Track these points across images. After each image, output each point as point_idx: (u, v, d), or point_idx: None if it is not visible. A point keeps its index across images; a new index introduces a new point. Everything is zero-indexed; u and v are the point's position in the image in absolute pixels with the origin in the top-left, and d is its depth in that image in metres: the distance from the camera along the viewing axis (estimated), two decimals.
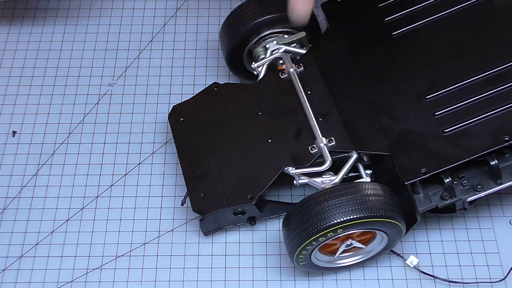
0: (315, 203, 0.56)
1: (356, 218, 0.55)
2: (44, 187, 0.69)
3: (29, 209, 0.68)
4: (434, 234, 0.65)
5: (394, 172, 0.58)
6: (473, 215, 0.66)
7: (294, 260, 0.59)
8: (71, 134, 0.73)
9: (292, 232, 0.57)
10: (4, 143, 0.72)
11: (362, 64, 0.64)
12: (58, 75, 0.77)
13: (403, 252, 0.64)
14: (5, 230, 0.67)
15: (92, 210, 0.68)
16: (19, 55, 0.79)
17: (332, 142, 0.61)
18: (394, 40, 0.65)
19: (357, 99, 0.63)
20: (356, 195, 0.56)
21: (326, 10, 0.69)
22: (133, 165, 0.71)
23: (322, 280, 0.63)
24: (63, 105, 0.75)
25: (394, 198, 0.58)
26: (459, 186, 0.59)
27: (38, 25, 0.82)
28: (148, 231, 0.67)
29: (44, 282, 0.64)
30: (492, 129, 0.58)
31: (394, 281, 0.63)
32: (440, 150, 0.58)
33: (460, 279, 0.63)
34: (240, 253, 0.65)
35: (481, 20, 0.63)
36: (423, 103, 0.60)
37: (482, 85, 0.60)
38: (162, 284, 0.64)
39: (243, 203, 0.61)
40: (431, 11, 0.65)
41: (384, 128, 0.60)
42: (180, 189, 0.69)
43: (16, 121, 0.74)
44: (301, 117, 0.63)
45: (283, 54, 0.67)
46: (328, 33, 0.68)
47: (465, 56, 0.62)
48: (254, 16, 0.67)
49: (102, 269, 0.65)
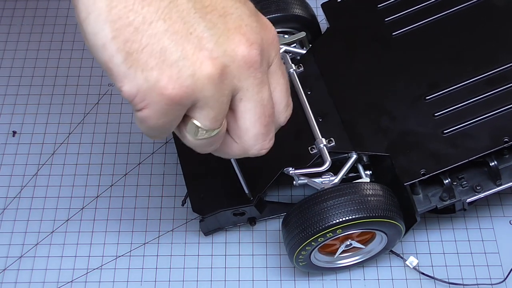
0: (314, 204, 0.56)
1: (355, 218, 0.55)
2: (44, 187, 0.69)
3: (29, 209, 0.68)
4: (434, 234, 0.65)
5: (393, 172, 0.58)
6: (473, 215, 0.66)
7: (293, 260, 0.59)
8: (71, 134, 0.73)
9: (292, 232, 0.57)
10: (4, 143, 0.72)
11: (362, 64, 0.64)
12: (58, 75, 0.77)
13: (403, 252, 0.64)
14: (5, 230, 0.67)
15: (92, 210, 0.68)
16: (19, 55, 0.79)
17: (331, 142, 0.61)
18: (394, 40, 0.65)
19: (356, 99, 0.63)
20: (356, 195, 0.56)
21: (326, 10, 0.69)
22: (133, 165, 0.71)
23: (322, 280, 0.63)
24: (63, 105, 0.75)
25: (393, 198, 0.58)
26: (459, 187, 0.59)
27: (38, 25, 0.82)
28: (148, 231, 0.67)
29: (44, 282, 0.64)
30: (491, 130, 0.57)
31: (394, 281, 0.63)
32: (439, 151, 0.58)
33: (460, 279, 0.63)
34: (240, 253, 0.65)
35: (481, 21, 0.63)
36: (422, 103, 0.60)
37: (482, 86, 0.60)
38: (162, 284, 0.64)
39: (243, 204, 0.61)
40: (431, 12, 0.65)
41: (383, 129, 0.60)
42: (180, 189, 0.69)
43: (16, 121, 0.74)
44: (300, 118, 0.63)
45: (283, 54, 0.67)
46: (328, 33, 0.68)
47: (465, 56, 0.62)
48: None
49: (102, 269, 0.65)
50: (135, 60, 0.36)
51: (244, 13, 0.40)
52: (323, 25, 0.70)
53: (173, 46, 0.37)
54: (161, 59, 0.37)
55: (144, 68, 0.36)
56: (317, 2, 0.73)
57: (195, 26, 0.37)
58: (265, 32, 0.41)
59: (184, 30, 0.37)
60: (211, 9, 0.38)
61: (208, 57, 0.38)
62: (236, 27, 0.39)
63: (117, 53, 0.36)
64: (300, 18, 0.67)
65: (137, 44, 0.36)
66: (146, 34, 0.36)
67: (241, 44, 0.39)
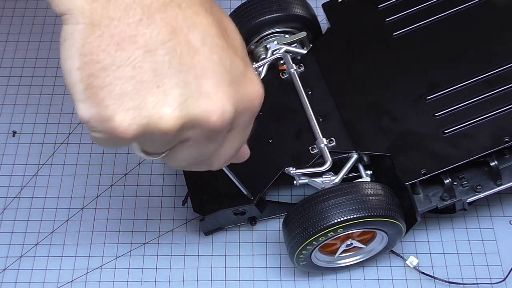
0: (315, 203, 0.56)
1: (356, 217, 0.55)
2: (44, 187, 0.69)
3: (29, 209, 0.68)
4: (434, 234, 0.66)
5: (394, 172, 0.58)
6: (473, 215, 0.66)
7: (294, 260, 0.59)
8: (71, 134, 0.73)
9: (292, 232, 0.57)
10: (4, 143, 0.72)
11: (363, 64, 0.64)
12: (58, 75, 0.77)
13: (403, 252, 0.64)
14: (5, 230, 0.67)
15: (92, 210, 0.68)
16: (19, 55, 0.79)
17: (332, 142, 0.61)
18: (394, 40, 0.65)
19: (357, 99, 0.63)
20: (356, 194, 0.56)
21: (327, 10, 0.69)
22: (133, 165, 0.71)
23: (322, 280, 0.63)
24: (63, 105, 0.75)
25: (394, 197, 0.58)
26: (459, 187, 0.59)
27: (38, 25, 0.82)
28: (148, 231, 0.67)
29: (44, 282, 0.64)
30: (492, 130, 0.58)
31: (394, 281, 0.63)
32: (440, 150, 0.58)
33: (460, 279, 0.63)
34: (240, 253, 0.65)
35: (481, 21, 0.63)
36: (423, 103, 0.60)
37: (482, 86, 0.60)
38: (162, 284, 0.64)
39: (243, 204, 0.61)
40: (431, 12, 0.65)
41: (384, 129, 0.60)
42: (180, 189, 0.69)
43: (16, 121, 0.74)
44: (301, 118, 0.63)
45: (283, 54, 0.67)
46: (328, 33, 0.68)
47: (466, 57, 0.62)
48: (255, 16, 0.67)
49: (102, 269, 0.65)
50: (94, 94, 0.37)
51: (224, 80, 0.39)
52: (323, 25, 0.70)
53: (134, 94, 0.37)
54: (118, 102, 0.37)
55: (100, 104, 0.37)
56: (318, 2, 0.74)
57: (165, 81, 0.37)
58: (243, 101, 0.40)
59: (152, 82, 0.37)
60: (189, 67, 0.38)
61: (168, 115, 0.37)
62: (210, 92, 0.38)
63: (79, 82, 0.37)
64: (301, 18, 0.68)
65: (100, 81, 0.37)
66: (112, 75, 0.37)
67: (211, 111, 0.38)
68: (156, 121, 0.37)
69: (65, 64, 0.37)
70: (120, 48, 0.36)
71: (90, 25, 0.36)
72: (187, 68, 0.38)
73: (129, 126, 0.37)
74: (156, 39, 0.37)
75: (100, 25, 0.36)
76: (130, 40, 0.36)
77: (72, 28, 0.37)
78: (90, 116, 0.37)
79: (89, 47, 0.36)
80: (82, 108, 0.37)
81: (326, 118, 0.62)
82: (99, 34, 0.36)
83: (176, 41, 0.37)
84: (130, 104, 0.37)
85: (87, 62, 0.37)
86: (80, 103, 0.37)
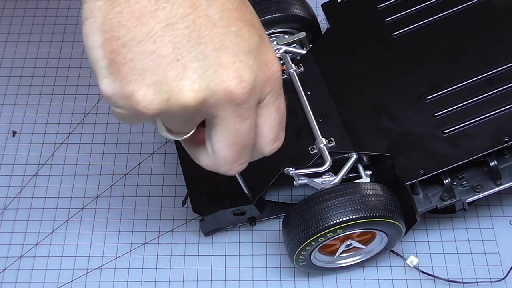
0: (314, 203, 0.56)
1: (355, 218, 0.55)
2: (44, 187, 0.69)
3: (29, 209, 0.68)
4: (434, 234, 0.65)
5: (393, 172, 0.58)
6: (473, 215, 0.66)
7: (294, 260, 0.59)
8: (71, 134, 0.73)
9: (292, 232, 0.57)
10: (4, 143, 0.72)
11: (362, 64, 0.64)
12: (58, 75, 0.77)
13: (403, 252, 0.64)
14: (5, 230, 0.67)
15: (92, 210, 0.68)
16: (19, 55, 0.79)
17: (332, 142, 0.61)
18: (394, 40, 0.65)
19: (357, 99, 0.63)
20: (356, 195, 0.56)
21: (327, 10, 0.69)
22: (133, 165, 0.71)
23: (322, 280, 0.63)
24: (63, 105, 0.75)
25: (393, 198, 0.58)
26: (459, 187, 0.59)
27: (38, 25, 0.82)
28: (148, 231, 0.67)
29: (44, 282, 0.64)
30: (492, 130, 0.58)
31: (394, 281, 0.63)
32: (439, 151, 0.58)
33: (460, 279, 0.63)
34: (240, 253, 0.65)
35: (481, 21, 0.63)
36: (423, 103, 0.60)
37: (482, 86, 0.60)
38: (162, 284, 0.64)
39: (243, 204, 0.61)
40: (431, 12, 0.65)
41: (384, 129, 0.60)
42: (180, 189, 0.69)
43: (16, 121, 0.74)
44: (301, 118, 0.63)
45: (283, 55, 0.67)
46: (328, 33, 0.68)
47: (465, 56, 0.62)
48: None
49: (102, 269, 0.65)
50: (117, 70, 0.38)
51: (242, 49, 0.39)
52: (323, 25, 0.70)
53: (155, 69, 0.37)
54: (140, 77, 0.38)
55: (123, 79, 0.38)
56: (317, 2, 0.74)
57: (185, 54, 0.38)
58: (262, 70, 0.40)
59: (172, 56, 0.37)
60: (207, 40, 0.38)
61: (188, 87, 0.38)
62: (228, 62, 0.39)
63: (102, 58, 0.38)
64: (300, 18, 0.67)
65: (121, 57, 0.37)
66: (132, 51, 0.37)
67: (228, 81, 0.39)
68: (176, 94, 0.38)
69: (87, 42, 0.38)
70: (140, 23, 0.37)
71: (109, 1, 0.37)
72: (206, 40, 0.38)
73: (151, 102, 0.38)
74: (176, 13, 0.37)
75: (120, 1, 0.37)
76: (150, 15, 0.37)
77: (92, 5, 0.37)
78: (113, 92, 0.38)
79: (109, 23, 0.37)
80: (105, 84, 0.38)
81: (326, 118, 0.62)
82: (118, 10, 0.37)
83: (196, 15, 0.38)
84: (152, 79, 0.37)
85: (108, 38, 0.37)
86: (103, 79, 0.38)
